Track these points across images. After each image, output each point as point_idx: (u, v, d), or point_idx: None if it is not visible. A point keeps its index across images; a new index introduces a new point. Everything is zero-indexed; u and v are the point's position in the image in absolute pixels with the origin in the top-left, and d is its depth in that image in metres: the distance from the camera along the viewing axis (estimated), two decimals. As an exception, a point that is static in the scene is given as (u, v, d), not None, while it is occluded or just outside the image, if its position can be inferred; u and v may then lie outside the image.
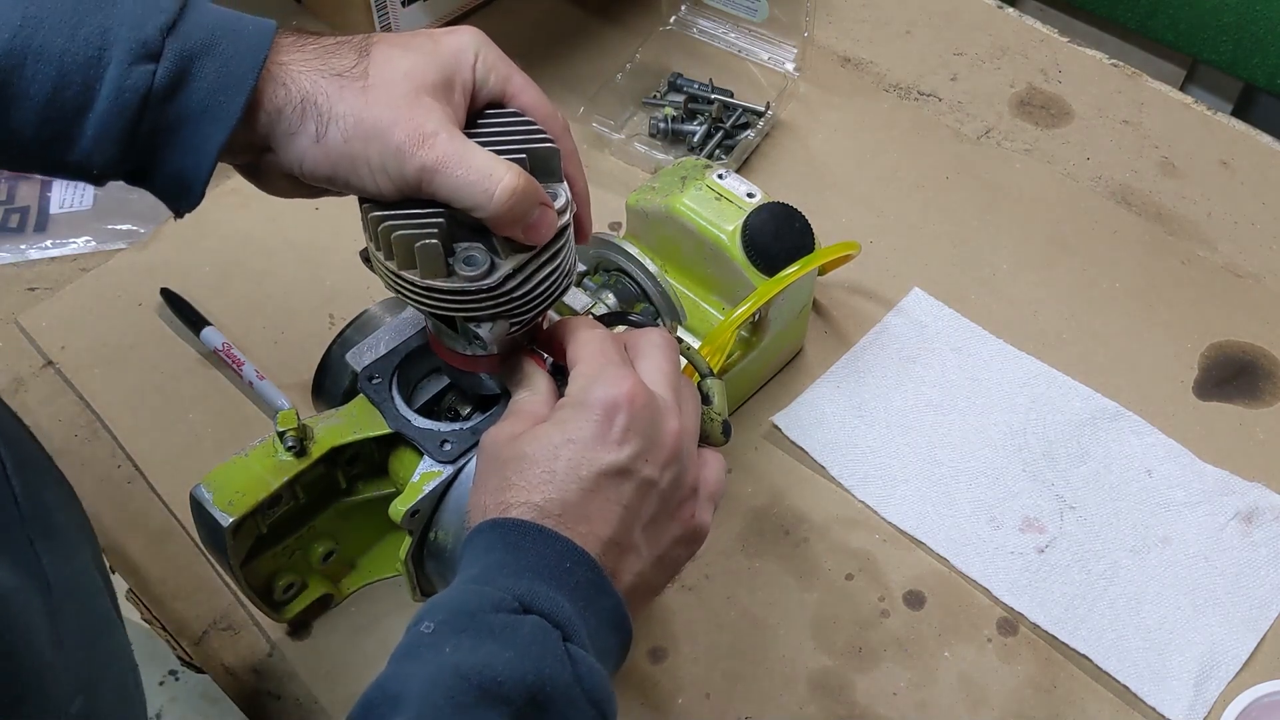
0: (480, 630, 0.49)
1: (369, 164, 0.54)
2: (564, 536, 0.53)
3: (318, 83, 0.54)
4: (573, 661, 0.50)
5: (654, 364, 0.59)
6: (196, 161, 0.53)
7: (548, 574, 0.52)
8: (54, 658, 0.47)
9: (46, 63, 0.50)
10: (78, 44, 0.50)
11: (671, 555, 0.59)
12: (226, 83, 0.52)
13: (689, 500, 0.59)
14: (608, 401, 0.55)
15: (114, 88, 0.50)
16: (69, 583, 0.51)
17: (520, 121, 0.59)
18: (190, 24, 0.52)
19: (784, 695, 0.74)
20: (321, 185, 0.57)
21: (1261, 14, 1.26)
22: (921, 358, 0.89)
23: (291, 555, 0.72)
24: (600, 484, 0.54)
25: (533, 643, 0.49)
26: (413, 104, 0.54)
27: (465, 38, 0.58)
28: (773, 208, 0.79)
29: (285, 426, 0.65)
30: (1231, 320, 0.92)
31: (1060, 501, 0.81)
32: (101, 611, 0.55)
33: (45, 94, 0.50)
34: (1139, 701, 0.73)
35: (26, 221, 0.97)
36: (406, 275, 0.56)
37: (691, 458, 0.59)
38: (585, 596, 0.53)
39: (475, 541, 0.54)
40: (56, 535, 0.53)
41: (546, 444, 0.55)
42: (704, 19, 1.09)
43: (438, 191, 0.54)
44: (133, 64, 0.50)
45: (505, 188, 0.54)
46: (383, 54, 0.56)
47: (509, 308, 0.58)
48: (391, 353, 0.69)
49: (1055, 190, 1.00)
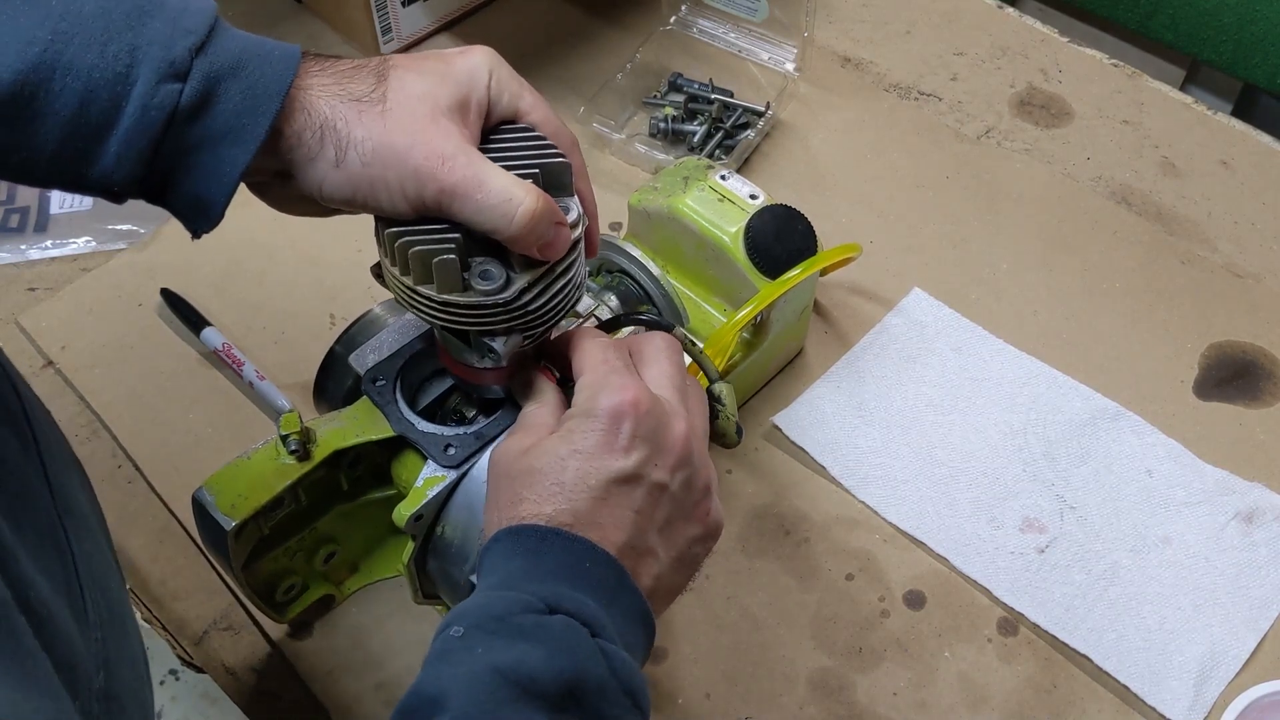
0: (510, 631, 0.50)
1: (388, 187, 0.55)
2: (582, 538, 0.54)
3: (336, 107, 0.55)
4: (605, 655, 0.50)
5: (658, 369, 0.60)
6: (218, 183, 0.53)
7: (570, 576, 0.52)
8: (79, 632, 0.48)
9: (75, 77, 0.50)
10: (107, 60, 0.50)
11: (690, 554, 0.59)
12: (252, 105, 0.52)
13: (704, 499, 0.59)
14: (612, 410, 0.56)
15: (140, 105, 0.51)
16: (90, 563, 0.52)
17: (533, 138, 0.59)
18: (218, 47, 0.52)
19: (784, 695, 0.74)
20: (340, 207, 0.57)
21: (1261, 14, 1.26)
22: (921, 358, 0.89)
23: (293, 557, 0.72)
24: (610, 492, 0.55)
25: (564, 640, 0.50)
26: (430, 127, 0.55)
27: (478, 58, 0.59)
28: (775, 210, 0.79)
29: (288, 430, 0.65)
30: (1231, 320, 0.92)
31: (1060, 501, 0.81)
32: (117, 594, 0.55)
33: (72, 108, 0.50)
34: (1139, 701, 0.73)
35: (26, 221, 0.97)
36: (422, 290, 0.57)
37: (702, 458, 0.59)
38: (609, 594, 0.53)
39: (493, 551, 0.54)
40: (79, 516, 0.53)
41: (553, 456, 0.55)
42: (704, 19, 1.09)
43: (457, 214, 0.55)
44: (160, 82, 0.51)
45: (525, 210, 0.54)
46: (399, 78, 0.56)
47: (523, 321, 0.59)
48: (395, 355, 0.69)
49: (1055, 190, 1.00)
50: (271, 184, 0.58)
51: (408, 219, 0.56)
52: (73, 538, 0.52)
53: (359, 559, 0.76)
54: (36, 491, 0.51)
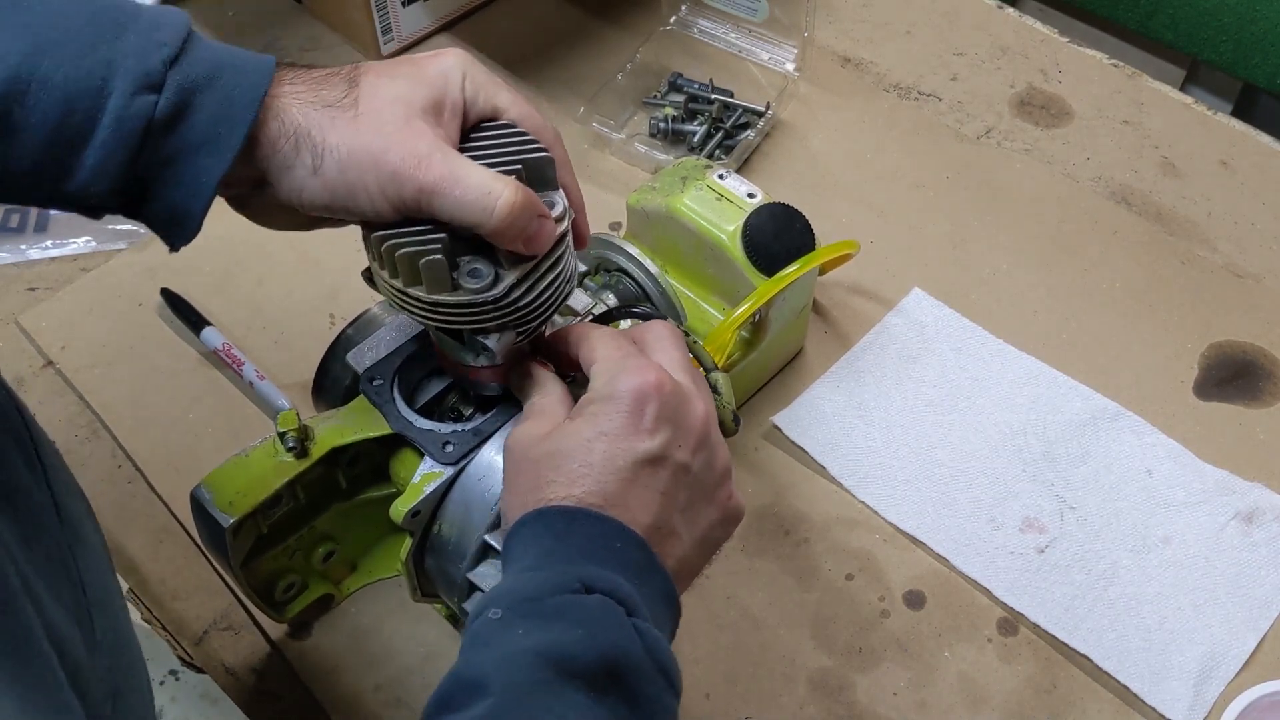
0: (547, 612, 0.50)
1: (367, 191, 0.55)
2: (611, 518, 0.54)
3: (310, 115, 0.55)
4: (640, 634, 0.51)
5: (666, 354, 0.60)
6: (195, 193, 0.53)
7: (600, 555, 0.53)
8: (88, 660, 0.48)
9: (51, 90, 0.50)
10: (82, 74, 0.50)
11: (711, 537, 0.59)
12: (227, 114, 0.53)
13: (724, 482, 0.59)
14: (636, 391, 0.56)
15: (115, 117, 0.51)
16: (97, 591, 0.52)
17: (513, 134, 0.59)
18: (193, 58, 0.53)
19: (784, 695, 0.74)
20: (320, 214, 0.57)
21: (1261, 14, 1.26)
22: (921, 358, 0.89)
23: (292, 556, 0.72)
24: (638, 473, 0.55)
25: (600, 619, 0.50)
26: (404, 128, 0.55)
27: (449, 60, 0.59)
28: (773, 208, 0.79)
29: (286, 427, 0.65)
30: (1231, 320, 0.92)
31: (1060, 501, 0.81)
32: (123, 621, 0.56)
33: (50, 122, 0.50)
34: (1139, 701, 0.73)
35: (26, 221, 0.97)
36: (412, 292, 0.57)
37: (719, 441, 0.60)
38: (639, 574, 0.53)
39: (521, 534, 0.54)
40: (87, 543, 0.53)
41: (579, 438, 0.56)
42: (704, 19, 1.09)
43: (438, 212, 0.55)
44: (135, 94, 0.51)
45: (504, 203, 0.54)
46: (370, 83, 0.56)
47: (515, 317, 0.59)
48: (393, 354, 0.69)
49: (1055, 190, 1.00)
50: (250, 196, 0.58)
51: (391, 222, 0.56)
52: (82, 565, 0.52)
53: (358, 558, 0.76)
54: (47, 518, 0.51)
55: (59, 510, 0.52)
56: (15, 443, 0.51)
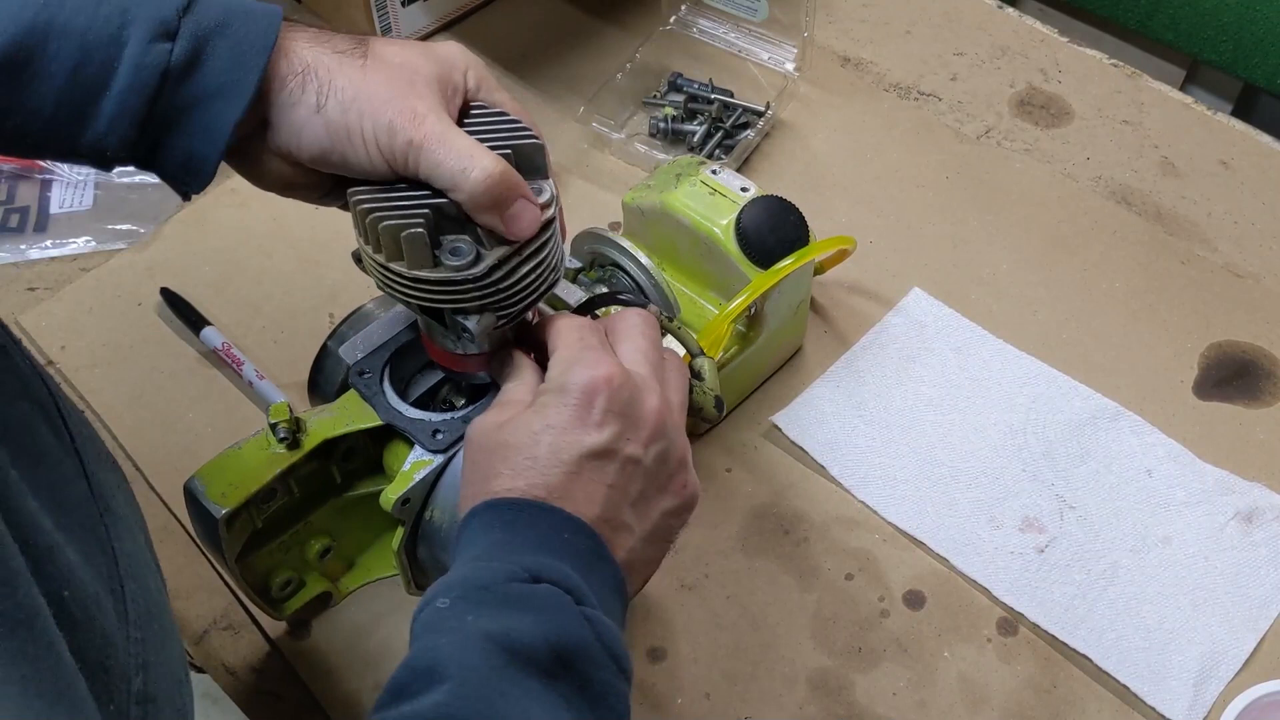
0: (497, 600, 0.50)
1: (363, 136, 0.56)
2: (559, 508, 0.54)
3: (320, 57, 0.56)
4: (589, 621, 0.51)
5: (632, 345, 0.60)
6: (210, 140, 0.54)
7: (549, 545, 0.53)
8: (119, 633, 0.48)
9: (68, 39, 0.51)
10: (98, 23, 0.51)
11: (665, 526, 0.59)
12: (240, 61, 0.54)
13: (680, 472, 0.59)
14: (585, 385, 0.56)
15: (133, 65, 0.52)
16: (130, 561, 0.52)
17: (506, 120, 0.60)
18: (204, 5, 0.54)
19: (784, 695, 0.74)
20: (313, 164, 0.58)
21: (1261, 14, 1.26)
22: (921, 358, 0.89)
23: (288, 551, 0.72)
24: (583, 466, 0.55)
25: (548, 607, 0.51)
26: (408, 88, 0.57)
27: (456, 48, 0.61)
28: (767, 201, 0.79)
29: (277, 419, 0.65)
30: (1231, 320, 0.92)
31: (1060, 501, 0.81)
32: (156, 594, 0.56)
33: (67, 71, 0.51)
34: (1139, 701, 0.73)
35: (26, 221, 0.97)
36: (394, 267, 0.57)
37: (678, 431, 0.60)
38: (587, 563, 0.54)
39: (471, 525, 0.55)
40: (118, 514, 0.54)
41: (526, 431, 0.56)
42: (704, 19, 1.09)
43: (420, 168, 0.56)
44: (151, 41, 0.52)
45: (483, 169, 0.55)
46: (380, 46, 0.59)
47: (495, 299, 0.59)
48: (382, 347, 0.69)
49: (1055, 190, 1.00)
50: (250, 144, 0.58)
51: (380, 177, 0.57)
52: (113, 534, 0.52)
53: (355, 555, 0.76)
54: (75, 484, 0.51)
55: (89, 479, 0.52)
56: (41, 410, 0.51)
